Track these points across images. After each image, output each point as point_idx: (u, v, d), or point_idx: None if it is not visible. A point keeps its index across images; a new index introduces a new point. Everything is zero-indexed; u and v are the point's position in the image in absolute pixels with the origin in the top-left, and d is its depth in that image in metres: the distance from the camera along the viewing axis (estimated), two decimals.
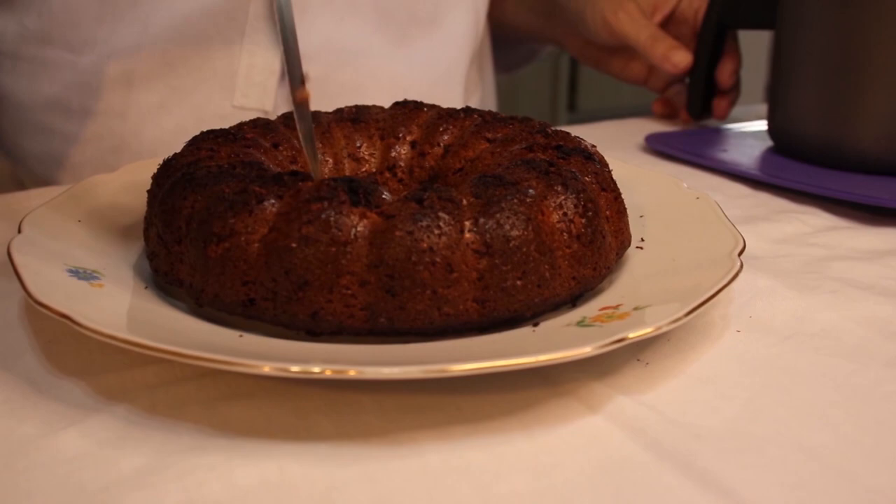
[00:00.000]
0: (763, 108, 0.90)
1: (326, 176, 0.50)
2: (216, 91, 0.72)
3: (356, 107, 0.53)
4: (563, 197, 0.39)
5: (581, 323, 0.37)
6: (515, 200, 0.38)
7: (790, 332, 0.41)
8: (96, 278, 0.40)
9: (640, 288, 0.40)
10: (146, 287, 0.41)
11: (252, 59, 0.72)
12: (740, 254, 0.41)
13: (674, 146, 0.72)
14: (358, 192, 0.37)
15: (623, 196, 0.45)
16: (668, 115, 0.86)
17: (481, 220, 0.37)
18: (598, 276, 0.40)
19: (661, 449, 0.32)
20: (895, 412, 0.35)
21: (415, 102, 0.54)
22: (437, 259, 0.36)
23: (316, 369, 0.31)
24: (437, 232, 0.36)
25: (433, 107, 0.54)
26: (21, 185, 0.77)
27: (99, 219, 0.47)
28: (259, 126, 0.49)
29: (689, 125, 0.83)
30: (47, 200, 0.47)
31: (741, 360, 0.38)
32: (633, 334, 0.33)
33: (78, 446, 0.32)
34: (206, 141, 0.46)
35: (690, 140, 0.74)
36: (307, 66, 0.74)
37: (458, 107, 0.59)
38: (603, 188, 0.43)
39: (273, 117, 0.74)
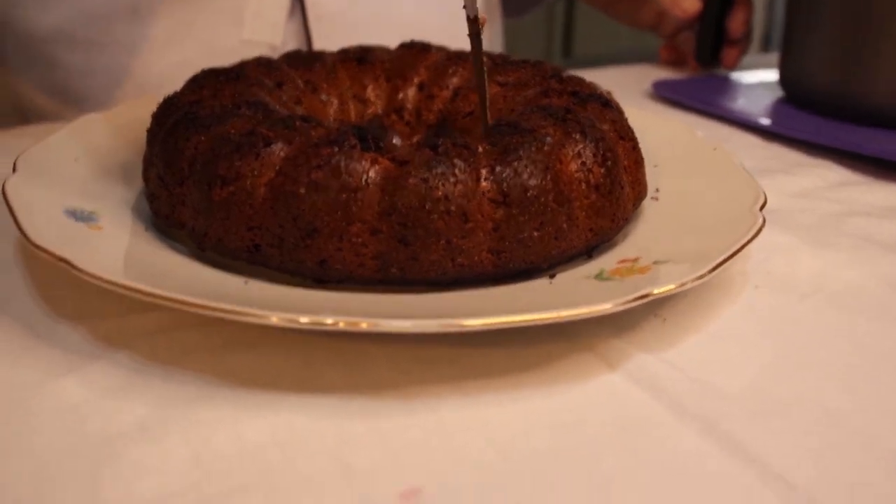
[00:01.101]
0: (766, 57, 0.88)
1: (331, 118, 0.48)
2: (224, 25, 0.70)
3: (361, 47, 0.51)
4: (581, 145, 0.38)
5: (600, 276, 0.35)
6: (533, 148, 0.36)
7: (810, 289, 0.40)
8: (94, 220, 0.38)
9: (658, 241, 0.39)
10: (146, 229, 0.39)
11: None
12: (762, 208, 0.40)
13: (682, 94, 0.70)
14: (367, 138, 0.36)
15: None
16: (676, 62, 0.84)
17: (498, 169, 0.35)
18: (616, 227, 0.39)
19: (683, 409, 0.31)
20: None
21: (422, 44, 0.52)
22: (453, 208, 0.34)
23: (328, 321, 0.29)
24: (452, 180, 0.34)
25: (441, 48, 0.52)
26: (24, 117, 0.75)
27: (97, 157, 0.45)
28: (262, 65, 0.47)
29: (696, 73, 0.81)
30: (44, 138, 0.45)
31: (761, 318, 0.37)
32: (658, 290, 0.32)
33: (79, 394, 0.31)
34: (208, 79, 0.44)
35: (699, 88, 0.72)
36: (317, 3, 0.71)
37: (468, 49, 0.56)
38: (621, 136, 0.41)
39: (281, 52, 0.72)
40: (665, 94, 0.70)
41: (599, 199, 0.38)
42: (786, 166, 0.56)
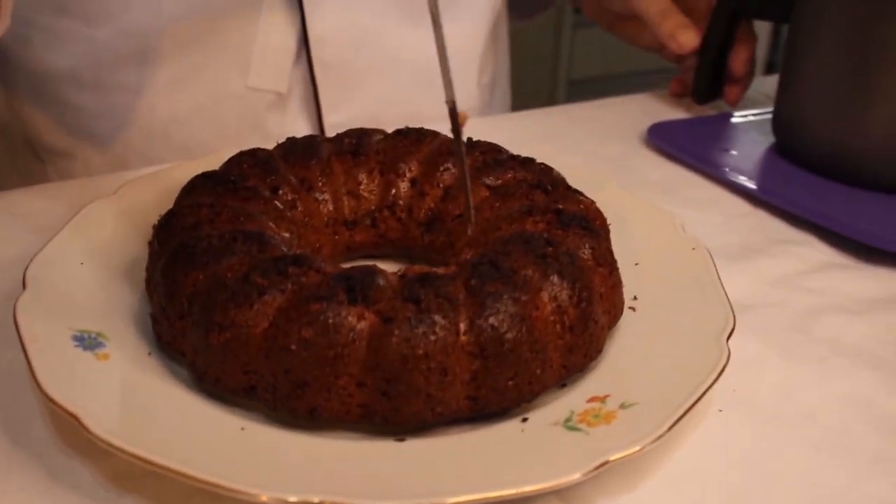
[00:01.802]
0: (769, 80, 0.88)
1: (325, 217, 0.50)
2: (231, 71, 0.71)
3: (357, 135, 0.53)
4: (558, 288, 0.40)
5: (568, 422, 0.38)
6: (510, 301, 0.38)
7: (771, 413, 0.42)
8: (102, 345, 0.41)
9: (628, 374, 0.41)
10: (150, 353, 0.42)
11: (267, 38, 0.71)
12: (729, 337, 0.42)
13: (677, 143, 0.71)
14: (355, 289, 0.38)
15: (618, 235, 0.47)
16: (684, 95, 0.84)
17: (477, 322, 0.38)
18: (589, 360, 0.42)
19: None
20: None
21: (417, 131, 0.53)
22: (432, 364, 0.37)
23: (315, 500, 0.32)
24: (433, 338, 0.37)
25: (435, 136, 0.53)
26: (34, 152, 0.77)
27: (101, 258, 0.48)
28: (258, 164, 0.49)
29: (698, 106, 0.82)
30: (49, 238, 0.48)
31: (719, 450, 0.40)
32: (614, 457, 0.35)
33: None
34: (206, 193, 0.46)
35: (695, 133, 0.74)
36: (322, 50, 0.72)
37: (473, 84, 0.58)
38: (599, 263, 0.43)
39: (287, 100, 0.73)
40: (659, 143, 0.71)
41: (573, 339, 0.40)
42: (768, 243, 0.58)
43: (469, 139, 0.53)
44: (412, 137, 0.53)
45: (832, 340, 0.48)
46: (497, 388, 0.38)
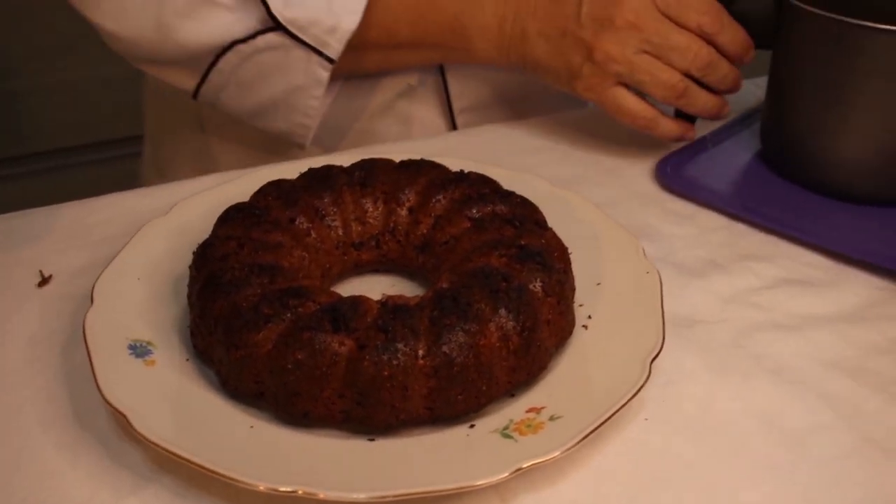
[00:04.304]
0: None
1: (335, 241, 0.60)
2: None
3: (367, 167, 0.62)
4: (504, 319, 0.49)
5: (505, 430, 0.48)
6: (462, 333, 0.48)
7: (688, 423, 0.51)
8: (150, 353, 0.53)
9: (563, 389, 0.50)
10: (187, 359, 0.53)
11: None
12: (654, 359, 0.51)
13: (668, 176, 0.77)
14: (339, 320, 0.48)
15: (587, 256, 0.58)
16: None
17: (433, 350, 0.47)
18: (533, 376, 0.51)
19: None
20: None
21: (417, 163, 0.63)
22: (395, 383, 0.47)
23: (298, 491, 0.43)
24: (395, 363, 0.47)
25: (433, 168, 0.62)
26: (200, 126, 0.93)
27: (154, 274, 0.59)
28: (282, 196, 0.59)
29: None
30: (114, 253, 0.59)
31: (635, 456, 0.49)
32: (527, 464, 0.44)
33: None
34: (235, 225, 0.56)
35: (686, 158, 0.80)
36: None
37: None
38: (548, 294, 0.52)
39: (417, 89, 0.88)
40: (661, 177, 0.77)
41: (517, 361, 0.50)
42: (732, 258, 0.65)
43: (461, 171, 0.62)
44: (413, 169, 0.62)
45: (760, 357, 0.56)
46: (449, 401, 0.48)
